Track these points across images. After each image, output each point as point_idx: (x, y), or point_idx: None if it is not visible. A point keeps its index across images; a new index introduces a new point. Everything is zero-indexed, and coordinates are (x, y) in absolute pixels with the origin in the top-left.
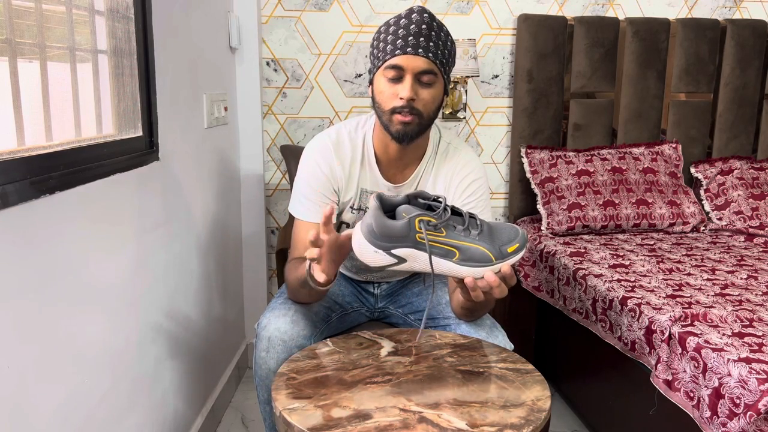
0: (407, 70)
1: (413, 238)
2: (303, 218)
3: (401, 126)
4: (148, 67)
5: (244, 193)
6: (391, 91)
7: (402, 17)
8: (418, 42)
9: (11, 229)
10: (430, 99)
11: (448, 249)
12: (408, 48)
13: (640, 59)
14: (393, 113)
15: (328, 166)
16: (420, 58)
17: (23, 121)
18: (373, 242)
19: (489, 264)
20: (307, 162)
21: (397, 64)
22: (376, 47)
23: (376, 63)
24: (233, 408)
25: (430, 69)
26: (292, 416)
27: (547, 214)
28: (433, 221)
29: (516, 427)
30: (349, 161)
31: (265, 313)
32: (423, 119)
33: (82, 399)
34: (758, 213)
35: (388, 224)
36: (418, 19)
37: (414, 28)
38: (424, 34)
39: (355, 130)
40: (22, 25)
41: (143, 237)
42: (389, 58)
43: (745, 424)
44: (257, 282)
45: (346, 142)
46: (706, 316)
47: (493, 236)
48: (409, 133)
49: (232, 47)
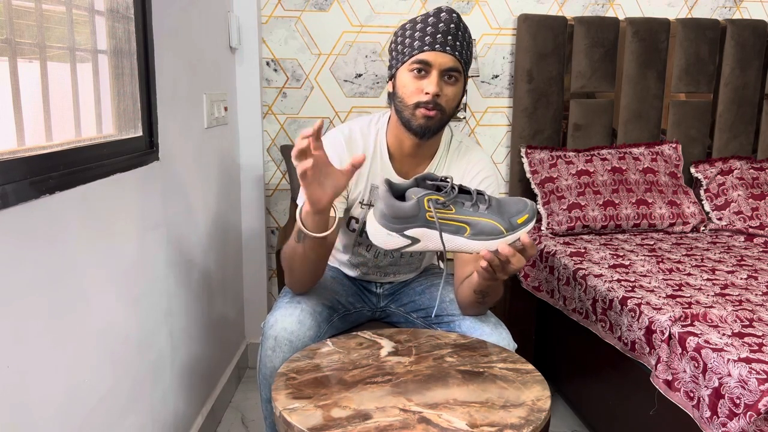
0: (434, 66)
1: (423, 217)
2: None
3: (424, 120)
4: (148, 67)
5: (244, 193)
6: (416, 86)
7: (431, 15)
8: (447, 40)
9: (11, 229)
10: (452, 96)
11: (458, 225)
12: (437, 45)
13: (640, 59)
14: (417, 107)
15: (339, 160)
16: (447, 55)
17: (23, 121)
18: (386, 225)
19: (501, 236)
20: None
21: (424, 59)
22: (401, 43)
23: (401, 58)
24: (233, 408)
25: (455, 67)
26: (292, 416)
27: (547, 214)
28: (441, 199)
29: (516, 427)
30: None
31: (272, 312)
32: (445, 115)
33: (82, 399)
34: (758, 213)
35: (398, 206)
36: (447, 18)
37: (443, 26)
38: (452, 33)
39: (367, 126)
40: (22, 25)
41: (143, 237)
42: (417, 53)
43: (745, 424)
44: (257, 282)
45: (358, 137)
46: (706, 316)
47: (501, 209)
48: (431, 127)
49: (232, 47)
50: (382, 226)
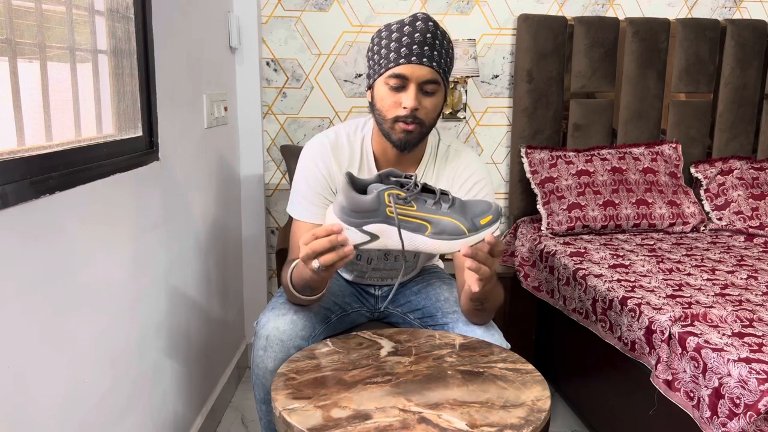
0: (411, 79)
1: (384, 212)
2: (301, 218)
3: (404, 134)
4: (148, 67)
5: (244, 193)
6: (393, 100)
7: (406, 24)
8: (423, 51)
9: (11, 229)
10: (432, 108)
11: (419, 223)
12: (413, 57)
13: (640, 59)
14: (396, 122)
15: (326, 167)
16: (425, 67)
17: (23, 121)
18: (345, 220)
19: (462, 237)
20: (305, 162)
21: (401, 73)
22: (377, 53)
23: (378, 69)
24: (233, 408)
25: (433, 78)
26: (292, 416)
27: (547, 214)
28: (402, 195)
29: (516, 427)
30: (347, 163)
31: (264, 311)
32: (425, 127)
33: (82, 399)
34: (758, 213)
35: (357, 199)
36: (422, 27)
37: (419, 37)
38: (429, 43)
39: (354, 132)
40: (22, 25)
41: (143, 237)
42: (393, 66)
43: (745, 424)
44: (257, 282)
45: (345, 144)
46: (706, 316)
47: (465, 210)
48: (411, 141)
49: (232, 47)
50: (341, 221)
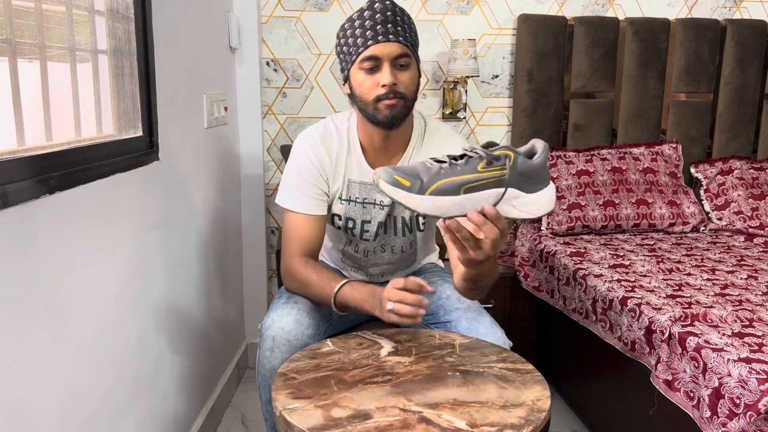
0: (383, 58)
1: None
2: (294, 209)
3: (389, 110)
4: (148, 67)
5: (244, 193)
6: (371, 82)
7: (365, 9)
8: (387, 29)
9: (11, 229)
10: (409, 81)
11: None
12: (379, 36)
13: (640, 59)
14: (378, 101)
15: (316, 156)
16: (392, 43)
17: (23, 121)
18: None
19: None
20: (296, 153)
21: (372, 54)
22: (345, 44)
23: (349, 59)
24: (233, 408)
25: (404, 52)
26: (292, 416)
27: (548, 215)
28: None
29: (516, 427)
30: (335, 151)
31: (268, 313)
32: (407, 101)
33: (82, 399)
34: (758, 213)
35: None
36: (381, 7)
37: (380, 17)
38: (391, 20)
39: (341, 123)
40: (22, 25)
41: (143, 237)
42: (363, 50)
43: (745, 424)
44: (257, 282)
45: (333, 133)
46: (706, 316)
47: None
48: (397, 115)
49: (232, 47)
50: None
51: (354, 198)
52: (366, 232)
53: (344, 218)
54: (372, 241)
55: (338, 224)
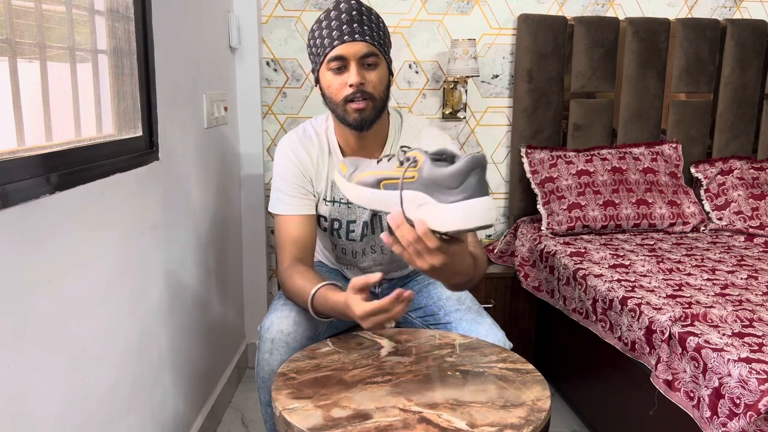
0: (349, 58)
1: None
2: (281, 212)
3: (357, 114)
4: (148, 67)
5: (244, 194)
6: (339, 82)
7: (331, 10)
8: (353, 28)
9: (11, 229)
10: (377, 80)
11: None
12: (345, 36)
13: (640, 59)
14: (346, 102)
15: (297, 157)
16: (358, 43)
17: (23, 121)
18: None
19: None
20: (278, 158)
21: (338, 54)
22: (313, 45)
23: (318, 59)
24: (233, 408)
25: (371, 51)
26: (292, 416)
27: (547, 214)
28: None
29: (516, 427)
30: (316, 153)
31: (267, 315)
32: (376, 101)
33: (82, 399)
34: (758, 213)
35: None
36: (347, 7)
37: (345, 17)
38: (357, 20)
39: (319, 124)
40: (22, 25)
41: (143, 237)
42: (329, 51)
43: (745, 424)
44: (257, 282)
45: (313, 135)
46: (706, 316)
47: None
48: (366, 119)
49: (232, 47)
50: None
51: (338, 199)
52: (352, 232)
53: (330, 219)
54: (358, 241)
55: (324, 226)
